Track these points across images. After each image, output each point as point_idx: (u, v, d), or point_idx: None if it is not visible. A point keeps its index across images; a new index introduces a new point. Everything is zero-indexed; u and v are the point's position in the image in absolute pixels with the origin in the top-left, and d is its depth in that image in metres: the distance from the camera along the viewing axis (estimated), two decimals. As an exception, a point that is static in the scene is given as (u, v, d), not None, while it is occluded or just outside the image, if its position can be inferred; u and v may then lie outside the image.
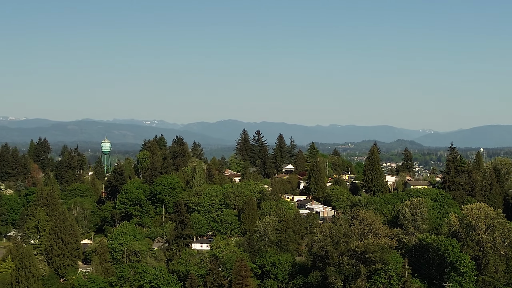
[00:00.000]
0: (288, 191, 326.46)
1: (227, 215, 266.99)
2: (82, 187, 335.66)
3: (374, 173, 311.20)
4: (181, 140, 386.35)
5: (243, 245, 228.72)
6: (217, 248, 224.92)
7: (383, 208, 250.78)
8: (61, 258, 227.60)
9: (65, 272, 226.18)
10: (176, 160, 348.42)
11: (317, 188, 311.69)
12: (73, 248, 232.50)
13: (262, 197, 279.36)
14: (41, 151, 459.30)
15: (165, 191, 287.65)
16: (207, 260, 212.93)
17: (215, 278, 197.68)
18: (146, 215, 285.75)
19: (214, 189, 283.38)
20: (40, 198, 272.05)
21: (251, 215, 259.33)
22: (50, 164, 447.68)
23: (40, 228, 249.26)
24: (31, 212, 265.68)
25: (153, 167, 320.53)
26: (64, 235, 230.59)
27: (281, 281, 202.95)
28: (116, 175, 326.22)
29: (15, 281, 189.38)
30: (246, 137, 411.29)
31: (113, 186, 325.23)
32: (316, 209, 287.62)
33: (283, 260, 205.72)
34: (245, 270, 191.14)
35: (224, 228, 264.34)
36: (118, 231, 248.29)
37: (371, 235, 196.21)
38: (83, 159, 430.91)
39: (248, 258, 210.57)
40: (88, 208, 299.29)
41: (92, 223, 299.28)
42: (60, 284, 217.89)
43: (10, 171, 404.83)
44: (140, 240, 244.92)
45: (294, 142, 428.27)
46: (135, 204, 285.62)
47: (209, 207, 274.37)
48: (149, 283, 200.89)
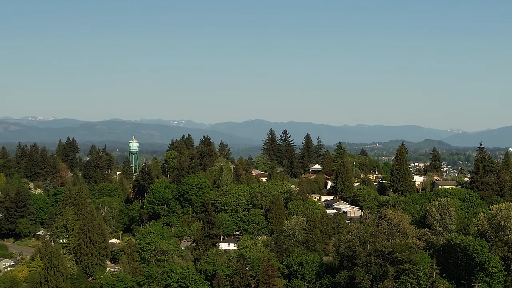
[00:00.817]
0: (315, 191, 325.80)
1: (254, 215, 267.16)
2: (110, 186, 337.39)
3: (402, 173, 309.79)
4: (208, 140, 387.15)
5: (270, 244, 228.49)
6: (244, 248, 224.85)
7: (410, 208, 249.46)
8: (90, 257, 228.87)
9: (93, 271, 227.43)
10: (203, 160, 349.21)
11: (344, 188, 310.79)
12: (101, 247, 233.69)
13: (289, 197, 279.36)
14: (69, 151, 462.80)
15: (192, 191, 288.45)
16: (234, 259, 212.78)
17: (242, 277, 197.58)
18: (173, 215, 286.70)
19: (241, 189, 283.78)
20: (68, 198, 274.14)
21: (278, 215, 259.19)
22: (78, 163, 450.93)
23: (68, 227, 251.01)
24: (60, 211, 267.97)
25: (180, 167, 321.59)
26: (93, 234, 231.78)
27: (308, 281, 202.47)
28: (143, 174, 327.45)
29: (44, 280, 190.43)
30: (273, 137, 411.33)
31: (140, 186, 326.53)
32: (344, 209, 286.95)
33: (311, 260, 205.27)
34: (272, 270, 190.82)
35: (251, 228, 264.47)
36: (146, 231, 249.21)
37: (399, 235, 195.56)
38: (111, 159, 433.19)
39: (275, 258, 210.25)
40: (116, 208, 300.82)
41: (120, 223, 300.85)
42: (88, 283, 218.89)
43: (39, 171, 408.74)
44: (168, 239, 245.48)
45: (321, 142, 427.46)
46: (162, 204, 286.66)
47: (236, 207, 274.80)
48: (176, 283, 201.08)
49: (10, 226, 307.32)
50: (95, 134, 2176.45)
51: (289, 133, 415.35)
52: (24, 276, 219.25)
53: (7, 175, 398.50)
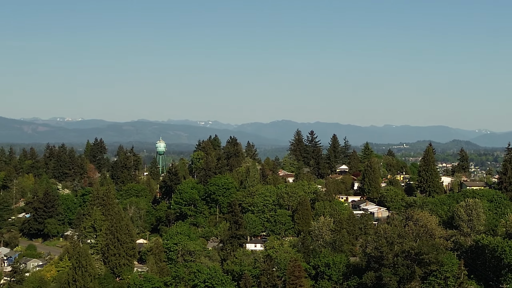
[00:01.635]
0: (342, 192, 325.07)
1: (281, 216, 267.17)
2: (138, 187, 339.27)
3: (429, 174, 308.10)
4: (235, 140, 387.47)
5: (297, 245, 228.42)
6: (271, 249, 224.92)
7: (438, 209, 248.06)
8: (117, 257, 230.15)
9: (121, 271, 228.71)
10: (230, 161, 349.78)
11: (371, 189, 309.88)
12: (128, 247, 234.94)
13: (316, 197, 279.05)
14: (97, 151, 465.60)
15: (219, 191, 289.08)
16: (261, 260, 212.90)
17: (269, 278, 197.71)
18: (200, 215, 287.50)
19: (268, 190, 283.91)
20: (96, 198, 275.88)
21: (305, 216, 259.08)
22: (106, 164, 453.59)
23: (96, 227, 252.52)
24: (88, 211, 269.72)
25: (207, 168, 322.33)
26: (120, 234, 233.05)
27: (335, 281, 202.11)
28: (170, 175, 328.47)
29: (72, 280, 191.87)
30: (300, 138, 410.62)
31: (168, 186, 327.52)
32: (371, 209, 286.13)
33: (337, 261, 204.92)
34: (299, 271, 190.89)
35: (278, 228, 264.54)
36: (173, 231, 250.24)
37: (426, 236, 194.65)
38: (138, 159, 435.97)
39: (302, 259, 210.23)
40: (143, 208, 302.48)
41: (147, 223, 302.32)
42: (116, 283, 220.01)
43: (67, 171, 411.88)
44: (195, 240, 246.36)
45: (348, 143, 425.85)
46: (189, 204, 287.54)
47: (263, 208, 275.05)
48: (203, 283, 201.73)
49: (39, 226, 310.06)
50: (122, 135, 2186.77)
51: (315, 133, 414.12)
52: (52, 276, 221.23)
53: (35, 175, 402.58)
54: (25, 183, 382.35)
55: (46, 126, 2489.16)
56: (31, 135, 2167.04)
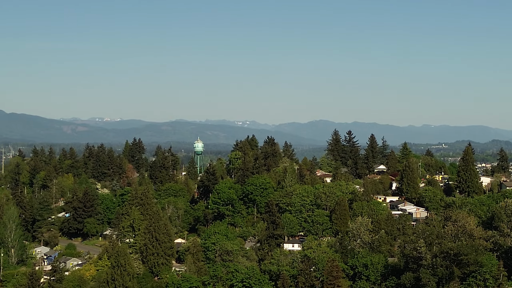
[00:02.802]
0: (380, 192, 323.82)
1: (318, 216, 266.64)
2: (176, 187, 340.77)
3: (469, 174, 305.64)
4: (272, 140, 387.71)
5: (334, 245, 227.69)
6: (309, 249, 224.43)
7: (477, 210, 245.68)
8: (156, 256, 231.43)
9: (159, 270, 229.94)
10: (267, 161, 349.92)
11: (409, 189, 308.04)
12: (167, 247, 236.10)
13: (354, 197, 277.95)
14: (135, 151, 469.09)
15: (256, 191, 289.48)
16: (298, 260, 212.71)
17: (307, 278, 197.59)
18: (238, 215, 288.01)
19: (305, 190, 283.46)
20: (134, 198, 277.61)
21: (343, 216, 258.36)
22: (144, 164, 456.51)
23: (135, 227, 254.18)
24: (126, 211, 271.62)
25: (245, 167, 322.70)
26: (158, 234, 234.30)
27: (373, 282, 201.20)
28: (208, 175, 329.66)
29: (111, 279, 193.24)
30: (338, 138, 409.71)
31: (205, 186, 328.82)
32: (409, 210, 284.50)
33: (375, 261, 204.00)
34: (337, 271, 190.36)
35: (316, 228, 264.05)
36: (210, 231, 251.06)
37: (465, 236, 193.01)
38: (176, 159, 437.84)
39: (340, 259, 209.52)
40: (181, 208, 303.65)
41: (185, 223, 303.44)
42: (154, 283, 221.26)
43: (106, 171, 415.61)
44: (232, 239, 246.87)
45: (386, 143, 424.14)
46: (227, 204, 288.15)
47: (300, 208, 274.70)
48: (241, 282, 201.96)
49: (78, 226, 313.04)
50: (160, 135, 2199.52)
51: (353, 133, 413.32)
52: (91, 275, 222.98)
53: (75, 175, 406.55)
54: (65, 182, 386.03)
55: (85, 126, 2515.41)
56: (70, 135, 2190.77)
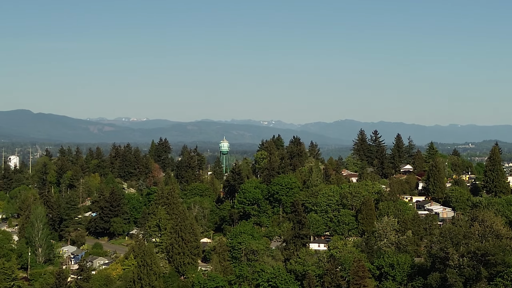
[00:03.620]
0: (407, 192, 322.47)
1: (344, 216, 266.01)
2: (202, 186, 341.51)
3: (496, 174, 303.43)
4: (298, 140, 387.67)
5: (360, 245, 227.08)
6: (335, 248, 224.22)
7: (505, 210, 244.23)
8: (182, 256, 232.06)
9: (185, 270, 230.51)
10: (293, 160, 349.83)
11: (436, 189, 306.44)
12: (193, 246, 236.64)
13: (380, 197, 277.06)
14: (161, 151, 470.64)
15: (282, 191, 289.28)
16: (324, 260, 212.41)
17: (333, 278, 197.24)
18: (263, 215, 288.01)
19: (331, 189, 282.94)
20: (161, 197, 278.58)
21: (369, 216, 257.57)
22: (170, 164, 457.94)
23: (161, 226, 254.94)
24: (153, 210, 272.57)
25: (270, 167, 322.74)
26: (184, 233, 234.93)
27: (399, 282, 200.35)
28: (234, 175, 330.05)
29: (137, 278, 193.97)
30: (364, 137, 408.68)
31: (231, 186, 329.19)
32: (435, 210, 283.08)
33: (402, 261, 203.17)
34: (363, 271, 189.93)
35: (341, 228, 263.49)
36: (236, 230, 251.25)
37: (492, 236, 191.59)
38: (202, 159, 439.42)
39: (366, 259, 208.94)
40: (207, 207, 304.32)
41: (211, 222, 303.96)
42: (180, 282, 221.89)
43: (132, 171, 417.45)
44: (258, 239, 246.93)
45: (412, 142, 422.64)
46: (253, 204, 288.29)
47: (326, 207, 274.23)
48: (267, 282, 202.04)
49: (105, 225, 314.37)
50: (186, 135, 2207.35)
51: (379, 133, 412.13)
52: (118, 274, 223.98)
53: (101, 175, 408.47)
54: (91, 182, 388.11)
55: (111, 126, 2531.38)
56: (97, 135, 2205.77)
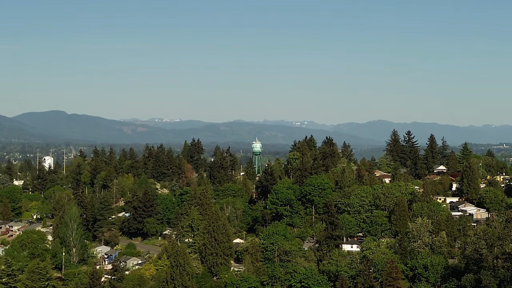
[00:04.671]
0: (440, 193, 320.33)
1: (377, 216, 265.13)
2: (234, 187, 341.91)
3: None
4: (330, 140, 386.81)
5: (394, 246, 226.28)
6: (368, 249, 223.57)
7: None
8: (214, 256, 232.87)
9: (218, 270, 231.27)
10: (325, 161, 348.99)
11: (470, 190, 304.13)
12: (225, 247, 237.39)
13: (413, 198, 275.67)
14: (194, 151, 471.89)
15: (315, 192, 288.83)
16: (357, 261, 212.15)
17: (366, 279, 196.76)
18: (296, 216, 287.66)
19: (364, 190, 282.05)
20: (193, 198, 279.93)
21: (402, 217, 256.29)
22: (203, 164, 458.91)
23: (194, 227, 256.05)
24: (185, 211, 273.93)
25: (303, 168, 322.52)
26: (217, 234, 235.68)
27: (433, 283, 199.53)
28: (266, 175, 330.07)
29: (170, 278, 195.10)
30: (397, 138, 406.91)
31: (263, 187, 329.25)
32: (469, 211, 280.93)
33: (435, 263, 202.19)
34: (396, 272, 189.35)
35: (374, 229, 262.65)
36: (269, 231, 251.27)
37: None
38: (234, 159, 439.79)
39: (399, 260, 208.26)
40: (239, 208, 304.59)
41: (243, 223, 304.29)
42: (213, 282, 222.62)
43: (165, 171, 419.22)
44: (291, 240, 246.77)
45: (446, 143, 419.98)
46: (285, 205, 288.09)
47: (359, 208, 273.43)
48: (299, 283, 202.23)
49: (138, 226, 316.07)
50: (219, 135, 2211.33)
51: (412, 133, 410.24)
52: (151, 274, 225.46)
53: (135, 175, 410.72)
54: (125, 183, 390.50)
55: (145, 127, 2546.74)
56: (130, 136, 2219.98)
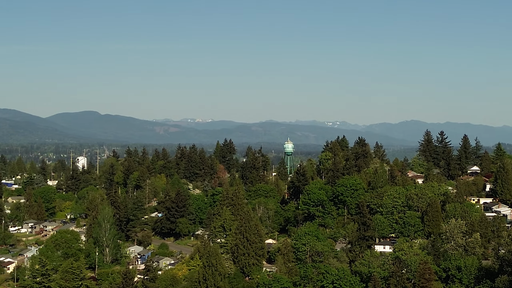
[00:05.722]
0: (474, 193, 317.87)
1: (410, 217, 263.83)
2: (266, 187, 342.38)
3: None
4: (363, 141, 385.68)
5: (427, 247, 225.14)
6: (400, 250, 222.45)
7: None
8: (246, 257, 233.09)
9: (250, 271, 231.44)
10: (358, 161, 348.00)
11: (504, 191, 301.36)
12: (257, 247, 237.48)
13: (446, 199, 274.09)
14: (226, 152, 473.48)
15: (347, 192, 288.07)
16: (390, 262, 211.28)
17: (399, 280, 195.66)
18: (328, 216, 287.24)
19: (396, 191, 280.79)
20: (226, 198, 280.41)
21: (435, 218, 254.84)
22: (235, 164, 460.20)
23: (226, 227, 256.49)
24: (218, 211, 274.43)
25: (335, 168, 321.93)
26: (249, 234, 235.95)
27: (466, 285, 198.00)
28: (298, 176, 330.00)
29: (202, 278, 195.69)
30: (429, 138, 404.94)
31: (295, 187, 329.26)
32: (503, 212, 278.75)
33: (469, 264, 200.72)
34: (429, 273, 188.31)
35: (407, 230, 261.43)
36: (301, 232, 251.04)
37: None
38: (266, 160, 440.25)
39: (432, 261, 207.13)
40: (271, 208, 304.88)
41: (275, 223, 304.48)
42: (245, 283, 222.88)
43: (197, 172, 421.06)
44: (323, 240, 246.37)
45: (479, 143, 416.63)
46: (317, 205, 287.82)
47: (391, 209, 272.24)
48: (331, 284, 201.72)
49: (171, 226, 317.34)
50: (251, 136, 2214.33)
51: (446, 134, 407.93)
52: (183, 274, 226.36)
53: (167, 175, 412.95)
54: (158, 183, 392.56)
55: (177, 127, 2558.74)
56: (163, 136, 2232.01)
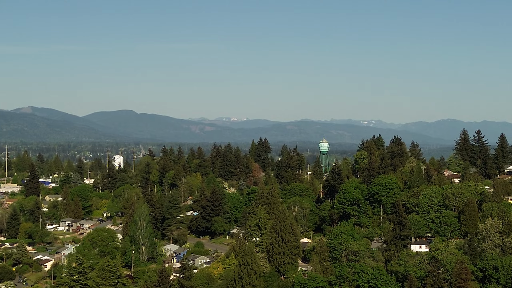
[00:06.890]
0: (511, 193, 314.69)
1: (446, 217, 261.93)
2: (301, 186, 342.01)
3: None
4: (399, 140, 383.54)
5: (463, 247, 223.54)
6: (437, 250, 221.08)
7: None
8: (282, 256, 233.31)
9: (285, 269, 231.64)
10: (394, 160, 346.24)
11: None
12: (293, 246, 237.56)
13: (483, 198, 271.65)
14: (261, 151, 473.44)
15: (382, 192, 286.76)
16: (426, 261, 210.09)
17: (435, 280, 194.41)
18: (363, 215, 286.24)
19: (432, 190, 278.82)
20: (261, 197, 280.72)
21: (472, 217, 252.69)
22: (270, 163, 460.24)
23: (261, 226, 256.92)
24: (253, 210, 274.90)
25: (370, 167, 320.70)
26: (284, 233, 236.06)
27: (503, 285, 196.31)
28: (334, 175, 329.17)
29: (238, 277, 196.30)
30: (466, 137, 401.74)
31: (331, 186, 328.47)
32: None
33: (506, 264, 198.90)
34: (466, 273, 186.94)
35: (443, 229, 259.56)
36: (336, 231, 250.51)
37: None
38: (301, 159, 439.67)
39: (469, 261, 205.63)
40: (307, 207, 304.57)
41: (311, 222, 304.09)
42: (280, 282, 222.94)
43: (232, 170, 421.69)
44: (358, 240, 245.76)
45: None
46: (352, 204, 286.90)
47: (427, 208, 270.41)
48: (367, 283, 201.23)
49: (206, 224, 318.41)
50: (286, 134, 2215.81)
51: (482, 133, 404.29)
52: (219, 273, 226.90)
53: (203, 174, 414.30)
54: (193, 181, 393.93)
55: (212, 126, 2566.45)
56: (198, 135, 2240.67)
